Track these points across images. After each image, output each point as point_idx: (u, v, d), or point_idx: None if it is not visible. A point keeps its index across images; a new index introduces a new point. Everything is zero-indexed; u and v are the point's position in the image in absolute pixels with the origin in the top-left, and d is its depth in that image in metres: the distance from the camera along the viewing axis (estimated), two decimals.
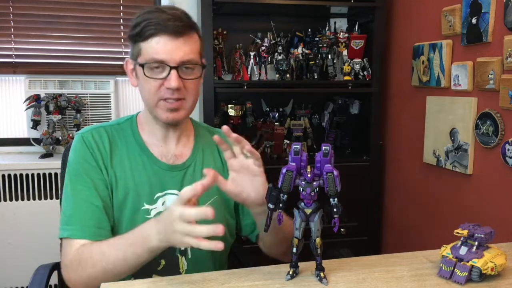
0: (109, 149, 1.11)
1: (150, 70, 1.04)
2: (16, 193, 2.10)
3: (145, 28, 1.02)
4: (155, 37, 1.02)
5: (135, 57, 1.07)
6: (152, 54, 1.03)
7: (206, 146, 1.21)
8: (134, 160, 1.12)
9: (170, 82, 1.03)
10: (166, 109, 1.06)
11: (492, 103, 1.55)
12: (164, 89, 1.04)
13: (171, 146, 1.16)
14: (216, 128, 1.30)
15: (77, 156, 1.10)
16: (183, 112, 1.09)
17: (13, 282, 2.12)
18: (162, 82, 1.04)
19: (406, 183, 2.18)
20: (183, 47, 1.04)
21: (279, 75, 2.15)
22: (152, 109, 1.09)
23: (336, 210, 0.84)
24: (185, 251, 1.13)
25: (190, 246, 0.86)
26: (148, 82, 1.04)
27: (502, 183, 1.54)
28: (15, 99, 2.33)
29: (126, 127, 1.17)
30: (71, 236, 1.03)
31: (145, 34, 1.03)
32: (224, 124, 2.39)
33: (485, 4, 1.56)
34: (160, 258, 1.09)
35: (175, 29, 1.02)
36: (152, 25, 1.02)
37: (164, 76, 1.03)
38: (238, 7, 2.23)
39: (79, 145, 1.11)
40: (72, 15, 2.36)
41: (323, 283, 0.88)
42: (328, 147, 0.85)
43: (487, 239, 0.91)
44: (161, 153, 1.14)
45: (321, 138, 2.40)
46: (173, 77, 1.02)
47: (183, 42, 1.04)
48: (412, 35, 2.07)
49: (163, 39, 1.02)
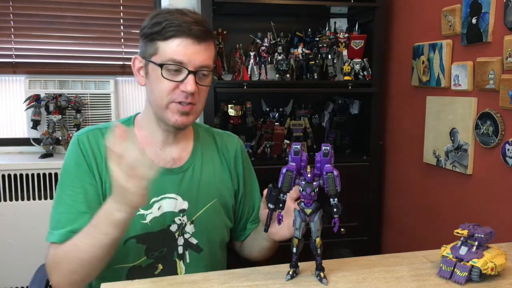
0: (104, 153, 1.08)
1: (167, 71, 1.02)
2: (16, 193, 2.10)
3: (167, 28, 1.01)
4: (177, 39, 1.01)
5: (149, 56, 1.05)
6: (171, 55, 1.01)
7: (205, 148, 1.20)
8: None
9: (186, 86, 1.02)
10: (177, 111, 1.05)
11: (492, 103, 1.55)
12: (178, 92, 1.03)
13: (169, 149, 1.15)
14: (216, 129, 1.29)
15: (70, 160, 1.09)
16: (192, 117, 1.08)
17: (13, 282, 2.12)
18: (177, 85, 1.03)
19: (406, 183, 2.18)
20: (203, 53, 1.04)
21: (279, 75, 2.15)
22: (160, 111, 1.06)
23: (336, 210, 0.84)
24: (183, 256, 1.12)
25: (145, 189, 0.85)
26: (162, 83, 1.03)
27: (502, 183, 1.54)
28: (15, 99, 2.33)
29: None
30: (53, 240, 1.03)
31: (166, 34, 1.01)
32: (224, 124, 2.38)
33: (485, 4, 1.56)
34: (158, 262, 1.09)
35: (198, 33, 1.02)
36: (174, 26, 1.01)
37: (181, 79, 1.02)
38: (238, 7, 2.23)
39: (74, 148, 1.09)
40: (72, 15, 2.36)
41: (323, 283, 0.88)
42: (328, 147, 0.85)
43: (487, 239, 0.91)
44: (158, 156, 1.12)
45: (321, 138, 2.40)
46: (191, 81, 1.02)
47: (204, 48, 1.04)
48: (412, 35, 2.07)
49: (185, 42, 1.01)
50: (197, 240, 1.14)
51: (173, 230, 1.11)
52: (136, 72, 1.11)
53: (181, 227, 1.12)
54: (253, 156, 2.20)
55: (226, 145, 1.24)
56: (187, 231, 1.13)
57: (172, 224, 1.11)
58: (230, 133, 1.31)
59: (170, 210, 1.11)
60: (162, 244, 1.10)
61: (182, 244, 1.12)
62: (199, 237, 1.14)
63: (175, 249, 1.11)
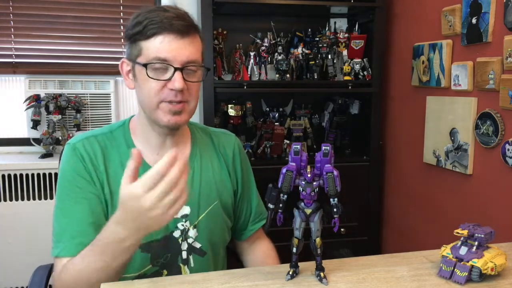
0: (102, 162, 1.06)
1: (152, 70, 0.99)
2: (16, 193, 2.10)
3: (148, 27, 0.98)
4: (159, 36, 0.98)
5: (134, 58, 1.02)
6: (155, 53, 0.98)
7: (203, 149, 1.18)
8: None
9: (174, 83, 0.98)
10: (168, 111, 1.01)
11: (492, 103, 1.55)
12: (166, 91, 1.00)
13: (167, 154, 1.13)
14: (212, 128, 1.27)
15: (69, 169, 1.05)
16: (185, 116, 1.04)
17: (13, 282, 2.12)
18: (164, 83, 0.99)
19: (406, 183, 2.18)
20: (188, 47, 1.00)
21: (279, 75, 2.15)
22: (151, 112, 1.03)
23: (336, 210, 0.84)
24: (187, 260, 1.11)
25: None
26: (149, 83, 0.99)
27: (502, 183, 1.54)
28: (15, 99, 2.33)
29: (119, 135, 1.11)
30: (59, 255, 0.99)
31: (148, 33, 0.98)
32: (224, 124, 2.38)
33: (485, 4, 1.56)
34: (162, 268, 1.08)
35: (180, 28, 0.98)
36: (155, 24, 0.97)
37: (167, 77, 0.99)
38: (238, 7, 2.23)
39: (71, 156, 1.05)
40: (72, 15, 2.36)
41: (323, 283, 0.88)
42: (328, 147, 0.85)
43: (487, 239, 0.90)
44: (156, 162, 1.10)
45: (321, 138, 2.40)
46: (178, 78, 0.98)
47: (188, 42, 1.00)
48: (412, 35, 2.07)
49: (168, 38, 0.98)
50: (200, 244, 1.13)
51: (176, 236, 1.09)
52: (125, 76, 1.07)
53: (184, 232, 1.10)
54: (253, 156, 2.20)
55: (224, 144, 1.22)
56: (190, 235, 1.11)
57: (175, 230, 1.09)
58: (227, 131, 1.29)
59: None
60: (167, 251, 1.09)
61: (186, 249, 1.11)
62: (202, 240, 1.13)
63: (179, 255, 1.10)
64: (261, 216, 1.27)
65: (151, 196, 0.77)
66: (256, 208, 1.27)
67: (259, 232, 1.28)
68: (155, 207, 0.78)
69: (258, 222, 1.27)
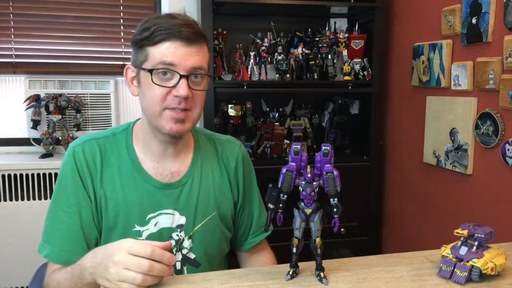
0: (100, 166, 1.06)
1: (158, 77, 0.98)
2: (16, 193, 2.10)
3: (156, 33, 0.97)
4: (166, 42, 0.97)
5: (140, 64, 1.00)
6: (161, 58, 0.97)
7: (205, 157, 1.16)
8: (125, 177, 1.07)
9: (179, 90, 0.97)
10: (171, 118, 1.00)
11: (492, 103, 1.55)
12: (171, 98, 0.98)
13: (168, 163, 1.10)
14: (218, 136, 1.23)
15: (65, 173, 1.06)
16: (188, 124, 1.02)
17: (13, 282, 2.12)
18: (169, 90, 0.98)
19: (406, 183, 2.18)
20: (195, 55, 0.99)
21: (279, 75, 2.15)
22: (154, 119, 1.01)
23: (336, 210, 0.84)
24: (181, 271, 1.10)
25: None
26: (153, 89, 0.98)
27: (502, 183, 1.54)
28: (15, 99, 2.33)
29: (121, 139, 1.10)
30: (47, 256, 1.05)
31: (155, 39, 0.97)
32: (224, 124, 2.39)
33: (485, 4, 1.56)
34: None
35: (188, 35, 0.97)
36: (163, 30, 0.96)
37: (172, 84, 0.98)
38: (238, 7, 2.23)
39: (69, 161, 1.06)
40: (72, 15, 2.36)
41: (323, 283, 0.88)
42: (328, 147, 0.85)
43: (487, 239, 0.90)
44: (156, 170, 1.08)
45: (321, 138, 2.40)
46: (183, 85, 0.97)
47: (196, 50, 0.99)
48: (412, 35, 2.07)
49: (175, 45, 0.97)
50: (195, 255, 1.11)
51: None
52: (129, 82, 1.06)
53: (179, 243, 1.09)
54: (253, 156, 2.20)
55: (227, 154, 1.19)
56: (184, 246, 1.10)
57: (169, 240, 1.07)
58: (233, 140, 1.25)
59: (167, 226, 1.08)
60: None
61: (180, 260, 1.10)
62: (197, 251, 1.11)
63: (173, 265, 1.10)
64: (262, 228, 1.23)
65: (128, 257, 0.81)
66: (257, 220, 1.23)
67: (262, 243, 1.26)
68: (122, 264, 0.81)
69: (260, 234, 1.24)
